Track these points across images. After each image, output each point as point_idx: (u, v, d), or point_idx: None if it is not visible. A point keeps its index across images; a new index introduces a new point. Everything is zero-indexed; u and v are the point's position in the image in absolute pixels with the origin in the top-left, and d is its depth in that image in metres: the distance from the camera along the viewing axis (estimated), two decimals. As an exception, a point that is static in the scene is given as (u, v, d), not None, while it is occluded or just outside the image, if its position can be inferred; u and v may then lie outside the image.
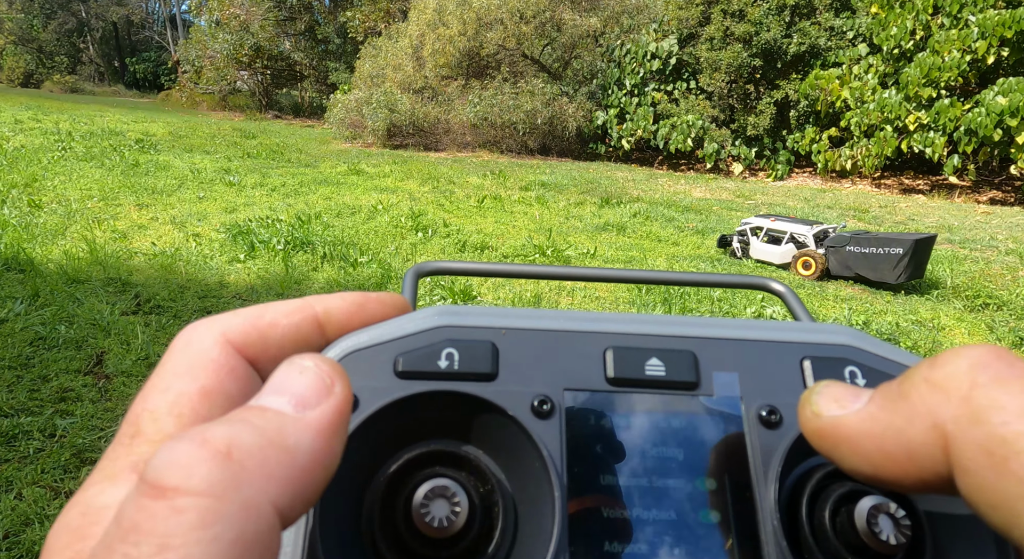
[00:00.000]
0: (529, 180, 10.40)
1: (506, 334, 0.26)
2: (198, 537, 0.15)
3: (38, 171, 7.91)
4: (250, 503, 0.16)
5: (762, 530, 0.23)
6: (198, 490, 0.16)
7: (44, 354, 3.08)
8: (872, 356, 0.26)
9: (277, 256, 5.00)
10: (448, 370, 0.25)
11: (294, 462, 0.18)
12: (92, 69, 43.98)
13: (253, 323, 0.24)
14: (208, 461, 0.17)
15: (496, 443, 0.25)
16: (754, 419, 0.25)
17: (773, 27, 13.68)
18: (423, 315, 0.27)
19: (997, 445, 0.16)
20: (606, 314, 0.27)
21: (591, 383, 0.25)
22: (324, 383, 0.20)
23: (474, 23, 15.63)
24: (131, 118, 17.08)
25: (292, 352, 0.24)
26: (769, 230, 5.91)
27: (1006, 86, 10.34)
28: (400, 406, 0.24)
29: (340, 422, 0.19)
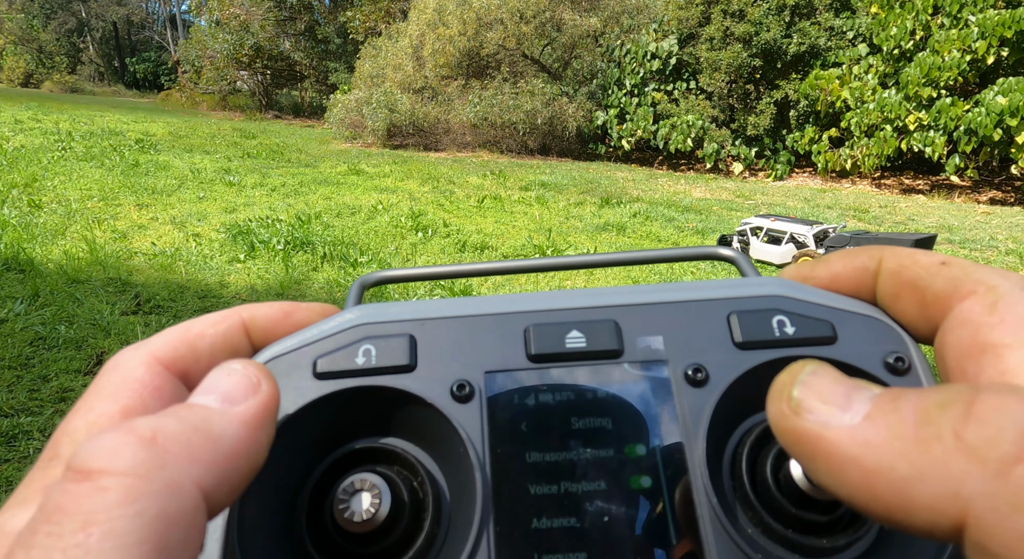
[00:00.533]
0: (529, 180, 10.40)
1: (425, 325, 0.26)
2: (121, 513, 0.16)
3: (38, 171, 7.91)
4: (173, 482, 0.17)
5: (694, 490, 0.23)
6: (122, 470, 0.16)
7: (44, 354, 3.08)
8: (801, 302, 0.25)
9: (277, 256, 5.00)
10: (366, 366, 0.25)
11: (218, 447, 0.18)
12: (92, 69, 43.98)
13: (180, 337, 0.24)
14: (133, 444, 0.17)
15: (424, 434, 0.25)
16: (680, 379, 0.24)
17: (773, 27, 13.68)
18: (343, 317, 0.27)
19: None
20: (526, 295, 0.27)
21: (512, 363, 0.25)
22: (250, 381, 0.21)
23: (474, 23, 15.63)
24: (131, 118, 17.08)
25: (222, 359, 0.24)
26: (769, 230, 5.92)
27: (1006, 86, 10.34)
28: (320, 406, 0.24)
29: (266, 415, 0.20)
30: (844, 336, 0.24)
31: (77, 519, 0.16)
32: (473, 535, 0.22)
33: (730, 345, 0.25)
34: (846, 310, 0.25)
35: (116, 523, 0.16)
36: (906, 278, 0.23)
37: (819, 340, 0.24)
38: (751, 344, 0.25)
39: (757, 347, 0.25)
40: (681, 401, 0.24)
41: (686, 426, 0.24)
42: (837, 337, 0.24)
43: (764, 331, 0.25)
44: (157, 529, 0.16)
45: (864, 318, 0.25)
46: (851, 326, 0.25)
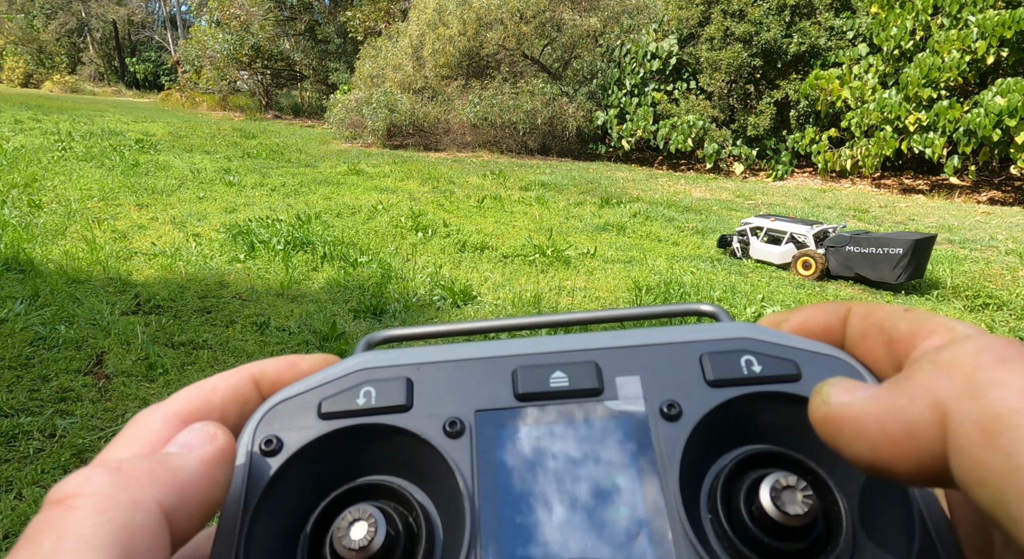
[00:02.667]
0: (529, 180, 10.40)
1: (420, 369, 0.28)
2: (92, 522, 0.19)
3: (38, 171, 7.91)
4: (137, 499, 0.20)
5: (669, 519, 0.24)
6: (91, 492, 0.19)
7: (44, 354, 3.09)
8: (768, 344, 0.28)
9: (277, 256, 5.00)
10: (366, 406, 0.27)
11: (176, 476, 0.22)
12: (92, 69, 43.98)
13: (195, 393, 0.27)
14: (100, 473, 0.20)
15: (419, 470, 0.27)
16: (655, 414, 0.26)
17: (773, 27, 13.68)
18: (346, 363, 0.29)
19: (990, 420, 0.17)
20: (515, 341, 0.29)
21: (500, 402, 0.27)
22: (208, 434, 0.24)
23: (474, 23, 15.63)
24: (131, 118, 17.08)
25: (234, 410, 0.27)
26: (769, 230, 5.91)
27: (1004, 86, 10.34)
28: (323, 443, 0.26)
29: (221, 457, 0.23)
30: (808, 374, 0.26)
31: (52, 534, 0.18)
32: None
33: (702, 383, 0.27)
34: (811, 350, 0.27)
35: (87, 530, 0.18)
36: (874, 320, 0.26)
37: (784, 377, 0.27)
38: (721, 382, 0.27)
39: (727, 385, 0.27)
40: (657, 435, 0.26)
41: (662, 458, 0.25)
42: (801, 375, 0.26)
43: (733, 370, 0.27)
44: (124, 536, 0.19)
45: (827, 357, 0.27)
46: (815, 365, 0.27)
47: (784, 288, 5.13)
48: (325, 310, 3.96)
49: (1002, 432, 0.16)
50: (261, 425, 0.27)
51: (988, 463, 0.17)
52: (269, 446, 0.26)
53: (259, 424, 0.27)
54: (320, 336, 3.50)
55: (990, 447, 0.17)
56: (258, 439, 0.26)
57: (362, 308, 3.98)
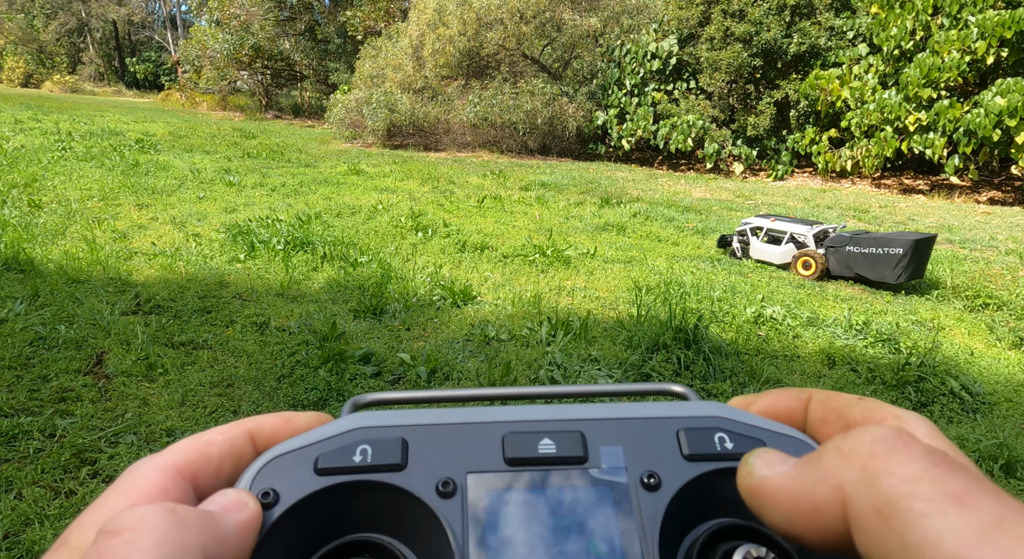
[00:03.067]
0: (529, 180, 10.40)
1: (416, 430, 0.30)
2: (152, 555, 0.20)
3: (38, 171, 7.91)
4: (188, 543, 0.21)
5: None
6: (149, 527, 0.21)
7: (44, 354, 3.09)
8: (738, 423, 0.30)
9: (277, 256, 5.00)
10: (362, 464, 0.28)
11: (218, 532, 0.23)
12: (92, 69, 43.98)
13: (192, 445, 0.28)
14: (158, 511, 0.22)
15: (410, 528, 0.28)
16: (636, 484, 0.28)
17: (773, 27, 13.68)
18: (343, 421, 0.30)
19: (884, 504, 0.19)
20: (506, 408, 0.31)
21: (491, 465, 0.29)
22: (241, 500, 0.26)
23: (474, 23, 15.63)
24: (131, 118, 17.09)
25: (229, 463, 0.28)
26: (769, 230, 5.91)
27: (1004, 87, 10.34)
28: (319, 498, 0.27)
29: (253, 524, 0.25)
30: None
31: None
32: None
33: (679, 456, 0.29)
34: (776, 431, 0.30)
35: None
36: (832, 407, 0.29)
37: None
38: (697, 456, 0.29)
39: (702, 459, 0.29)
40: (636, 503, 0.28)
41: (642, 526, 0.27)
42: None
43: (707, 445, 0.29)
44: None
45: (790, 438, 0.29)
46: (779, 444, 0.29)
47: (784, 288, 5.13)
48: (325, 310, 3.96)
49: (894, 515, 0.19)
50: (258, 478, 0.27)
51: (885, 542, 0.19)
52: (266, 498, 0.27)
53: (256, 477, 0.28)
54: (320, 336, 3.50)
55: (885, 528, 0.19)
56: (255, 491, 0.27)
57: (362, 308, 3.98)
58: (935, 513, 0.18)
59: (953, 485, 0.19)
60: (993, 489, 0.19)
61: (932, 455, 0.20)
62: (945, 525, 0.18)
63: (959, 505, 0.18)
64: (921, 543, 0.18)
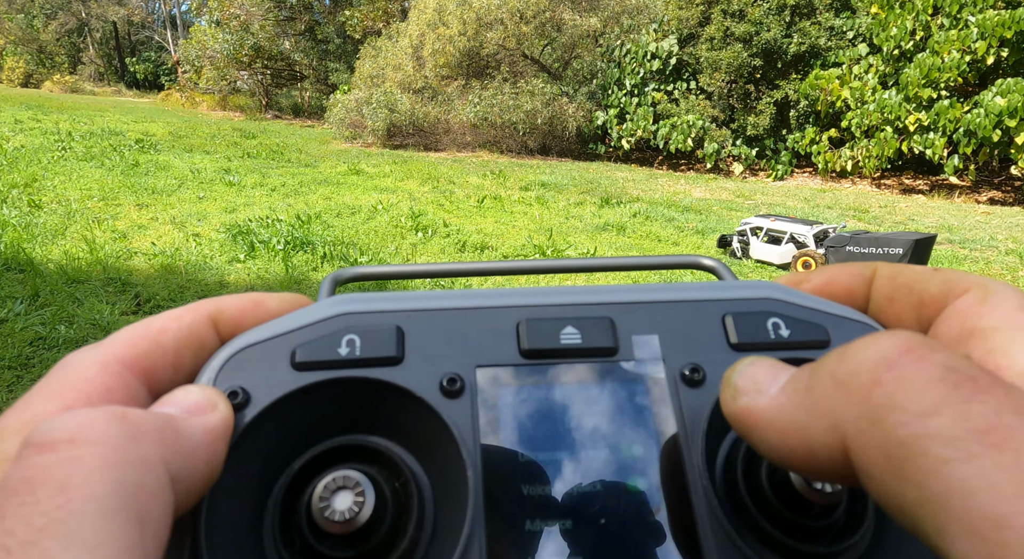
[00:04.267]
0: (529, 180, 10.40)
1: (412, 316, 0.25)
2: (100, 477, 0.15)
3: (38, 171, 7.91)
4: (146, 457, 0.17)
5: (692, 492, 0.22)
6: (95, 439, 0.16)
7: (44, 354, 3.08)
8: (795, 306, 0.25)
9: (277, 256, 5.00)
10: (349, 357, 0.23)
11: (182, 441, 0.19)
12: (92, 69, 43.98)
13: (141, 334, 0.23)
14: (105, 418, 0.17)
15: (408, 431, 0.24)
16: (677, 379, 0.24)
17: (773, 27, 13.68)
18: (323, 305, 0.25)
19: (894, 448, 0.15)
20: (519, 289, 0.26)
21: (504, 358, 0.24)
22: (209, 401, 0.21)
23: (474, 23, 15.63)
24: (131, 118, 17.09)
25: (188, 355, 0.23)
26: (769, 230, 5.91)
27: (1004, 87, 10.34)
28: (299, 399, 0.23)
29: (224, 430, 0.20)
30: (837, 340, 0.24)
31: (51, 486, 0.15)
32: (464, 538, 0.21)
33: (726, 346, 0.25)
34: (839, 315, 0.25)
35: (96, 487, 0.15)
36: (902, 282, 0.24)
37: (813, 344, 0.24)
38: (746, 345, 0.25)
39: (752, 349, 0.25)
40: (677, 401, 0.24)
41: (684, 427, 0.23)
42: (831, 341, 0.24)
43: (759, 333, 0.25)
44: (136, 499, 0.16)
45: (857, 324, 0.25)
46: (844, 331, 0.25)
47: (784, 288, 5.13)
48: (325, 310, 3.96)
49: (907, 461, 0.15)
50: (223, 373, 0.23)
51: (901, 492, 0.15)
52: (234, 399, 0.22)
53: (220, 372, 0.23)
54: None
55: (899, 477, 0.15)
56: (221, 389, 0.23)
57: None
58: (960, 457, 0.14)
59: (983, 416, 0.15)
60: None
61: (954, 373, 0.16)
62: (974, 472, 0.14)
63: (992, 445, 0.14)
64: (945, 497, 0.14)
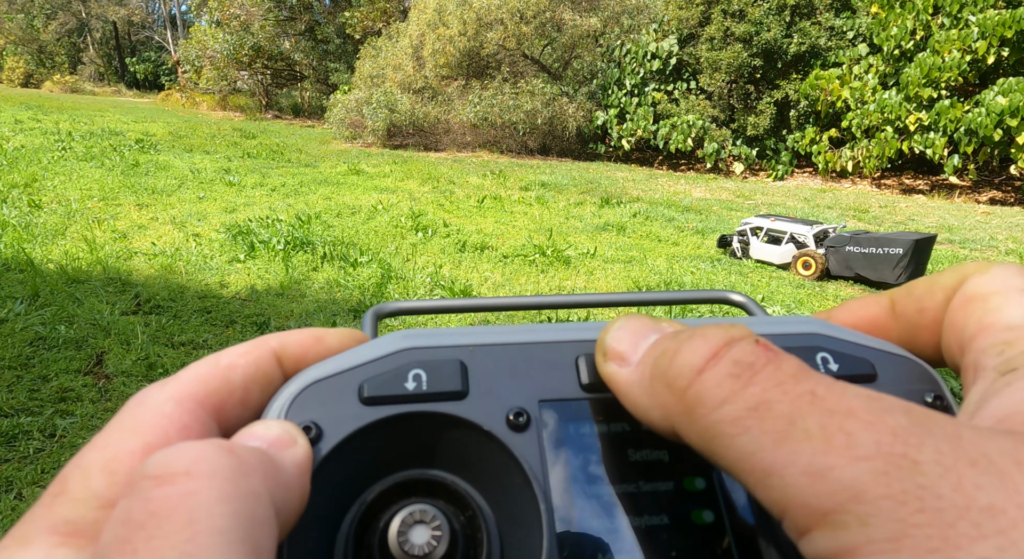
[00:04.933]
0: (529, 180, 10.40)
1: (474, 351, 0.25)
2: (221, 511, 0.15)
3: (38, 171, 7.91)
4: (255, 490, 0.17)
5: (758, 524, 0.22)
6: (210, 473, 0.16)
7: (44, 354, 3.08)
8: (840, 341, 0.26)
9: (277, 256, 5.00)
10: (416, 392, 0.24)
11: (280, 474, 0.19)
12: (92, 69, 43.98)
13: (210, 370, 0.23)
14: (215, 451, 0.17)
15: (473, 465, 0.24)
16: None
17: (773, 27, 13.68)
18: (386, 340, 0.26)
19: (703, 432, 0.18)
20: (575, 324, 0.27)
21: (566, 392, 0.24)
22: (290, 435, 0.21)
23: (474, 23, 15.63)
24: (131, 118, 17.08)
25: (256, 391, 0.24)
26: (769, 230, 5.91)
27: (1006, 86, 10.34)
28: (369, 433, 0.23)
29: (308, 465, 0.21)
30: (883, 375, 0.25)
31: (177, 519, 0.15)
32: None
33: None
34: (882, 350, 0.26)
35: (218, 520, 0.15)
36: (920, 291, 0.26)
37: (862, 377, 0.25)
38: None
39: None
40: None
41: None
42: (877, 376, 0.25)
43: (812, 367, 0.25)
44: (252, 531, 0.16)
45: (899, 358, 0.26)
46: (889, 365, 0.25)
47: (784, 288, 5.13)
48: (325, 310, 3.96)
49: (713, 439, 0.18)
50: (292, 408, 0.23)
51: (717, 463, 0.18)
52: (308, 434, 0.23)
53: (290, 407, 0.23)
54: (320, 336, 3.50)
55: (711, 453, 0.18)
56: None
57: (362, 308, 3.98)
58: (740, 431, 0.17)
59: (753, 396, 0.18)
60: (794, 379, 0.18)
61: (738, 366, 0.18)
62: (749, 440, 0.17)
63: (758, 417, 0.17)
64: (737, 462, 0.17)
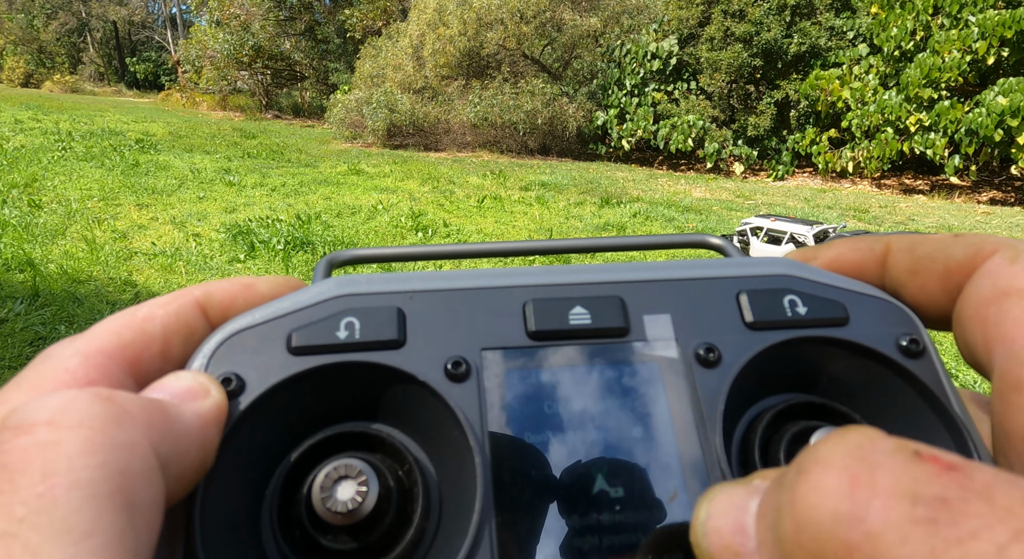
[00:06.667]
0: (529, 180, 10.40)
1: (414, 298, 0.24)
2: (84, 463, 0.14)
3: (38, 171, 7.91)
4: (133, 441, 0.16)
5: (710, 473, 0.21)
6: (75, 423, 0.15)
7: (44, 354, 3.08)
8: (811, 283, 0.25)
9: (277, 256, 5.00)
10: (348, 341, 0.22)
11: (172, 425, 0.17)
12: (92, 69, 43.99)
13: (124, 323, 0.22)
14: (88, 400, 0.16)
15: (411, 417, 0.23)
16: (691, 359, 0.23)
17: (773, 27, 13.68)
18: (320, 288, 0.24)
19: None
20: (524, 268, 0.25)
21: (510, 340, 0.23)
22: (200, 385, 0.20)
23: (474, 23, 15.63)
24: (131, 118, 17.09)
25: (177, 342, 0.22)
26: (769, 230, 5.92)
27: (1007, 86, 10.34)
28: (296, 385, 0.22)
29: (217, 416, 0.20)
30: (856, 317, 0.24)
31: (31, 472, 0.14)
32: (473, 527, 0.20)
33: (740, 325, 0.24)
34: (857, 291, 0.25)
35: (80, 473, 0.14)
36: (922, 252, 0.23)
37: (831, 321, 0.24)
38: (763, 324, 0.24)
39: (769, 327, 0.24)
40: (692, 381, 0.23)
41: (699, 408, 0.22)
42: (849, 318, 0.24)
43: (775, 311, 0.24)
44: (124, 484, 0.15)
45: (875, 299, 0.24)
46: (863, 307, 0.24)
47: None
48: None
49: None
50: (214, 360, 0.22)
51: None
52: (228, 386, 0.21)
53: (211, 358, 0.22)
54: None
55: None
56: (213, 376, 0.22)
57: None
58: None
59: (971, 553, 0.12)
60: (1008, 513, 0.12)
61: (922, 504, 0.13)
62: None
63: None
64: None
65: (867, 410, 0.23)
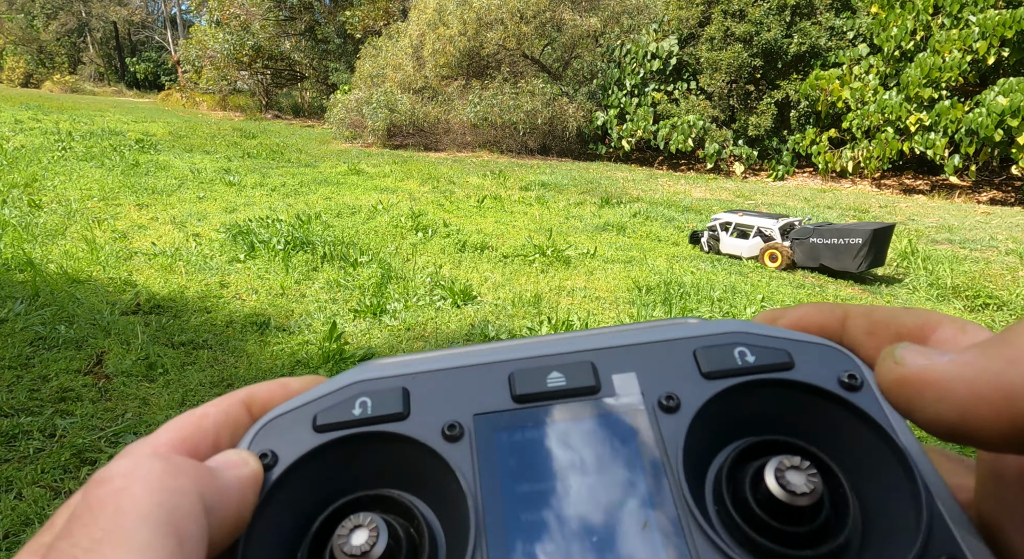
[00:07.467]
0: (529, 180, 10.40)
1: (416, 377, 0.28)
2: (148, 500, 0.19)
3: (38, 171, 7.91)
4: (184, 489, 0.20)
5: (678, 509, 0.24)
6: (143, 475, 0.20)
7: (44, 354, 3.08)
8: (759, 336, 0.28)
9: (277, 256, 5.00)
10: (362, 416, 0.27)
11: (216, 482, 0.22)
12: (92, 69, 43.97)
13: (185, 421, 0.27)
14: (150, 457, 0.21)
15: (418, 479, 0.27)
16: (654, 407, 0.27)
17: (773, 27, 13.68)
18: (340, 377, 0.29)
19: None
20: (509, 343, 0.30)
21: (498, 405, 0.27)
22: (240, 458, 0.25)
23: (474, 23, 15.63)
24: (131, 118, 17.09)
25: (226, 434, 0.27)
26: (737, 225, 6.08)
27: (1007, 86, 10.33)
28: (319, 455, 0.26)
29: (254, 481, 0.24)
30: (800, 361, 0.27)
31: (108, 510, 0.19)
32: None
33: (698, 376, 0.27)
34: (802, 341, 0.28)
35: (143, 508, 0.19)
36: (877, 317, 0.27)
37: (778, 366, 0.27)
38: (716, 373, 0.27)
39: (722, 376, 0.27)
40: (657, 426, 0.26)
41: (664, 450, 0.26)
42: (794, 363, 0.27)
43: (727, 361, 0.27)
44: (175, 518, 0.19)
45: (817, 345, 0.28)
46: (806, 352, 0.27)
47: (784, 288, 5.13)
48: (325, 310, 3.95)
49: None
50: (255, 441, 0.27)
51: None
52: (264, 459, 0.26)
53: (253, 440, 0.27)
54: (320, 336, 3.50)
55: None
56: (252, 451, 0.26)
57: (362, 308, 3.98)
58: None
59: None
60: None
61: None
62: None
63: None
64: None
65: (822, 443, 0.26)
